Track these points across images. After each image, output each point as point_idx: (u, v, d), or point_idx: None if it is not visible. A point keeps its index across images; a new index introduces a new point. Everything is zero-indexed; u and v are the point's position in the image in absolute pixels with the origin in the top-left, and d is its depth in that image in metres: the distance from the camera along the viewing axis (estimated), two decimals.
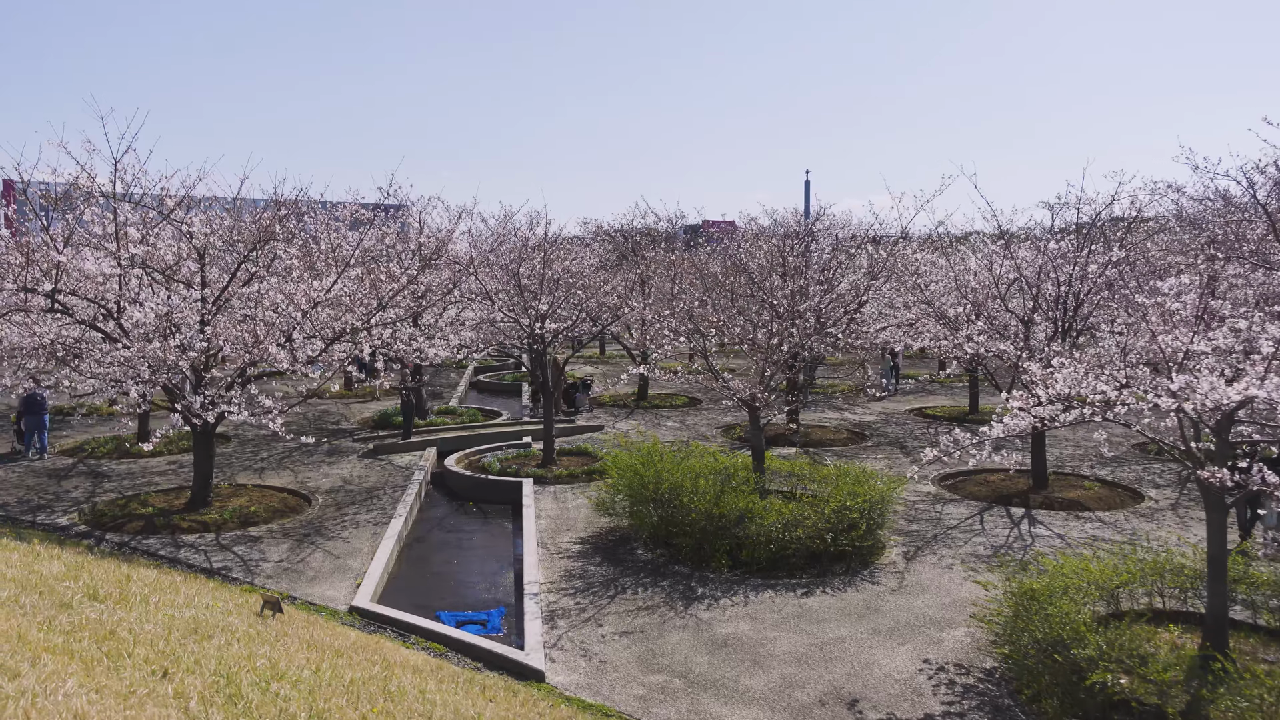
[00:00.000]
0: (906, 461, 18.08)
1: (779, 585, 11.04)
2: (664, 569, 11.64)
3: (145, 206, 12.92)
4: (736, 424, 22.37)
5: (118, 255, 12.45)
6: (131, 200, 13.23)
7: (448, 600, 11.29)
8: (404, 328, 14.57)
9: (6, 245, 12.51)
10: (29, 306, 12.44)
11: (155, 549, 12.37)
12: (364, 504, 14.92)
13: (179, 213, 13.21)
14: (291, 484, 16.16)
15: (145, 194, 13.12)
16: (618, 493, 12.87)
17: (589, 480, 16.39)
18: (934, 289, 16.68)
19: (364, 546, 12.65)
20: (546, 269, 16.31)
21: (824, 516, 11.44)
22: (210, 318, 12.94)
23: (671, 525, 11.89)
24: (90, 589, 7.34)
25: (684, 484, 11.80)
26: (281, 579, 11.32)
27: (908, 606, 10.44)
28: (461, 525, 14.79)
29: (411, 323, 15.47)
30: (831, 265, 18.28)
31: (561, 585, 11.13)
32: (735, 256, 20.00)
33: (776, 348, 12.49)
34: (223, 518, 13.73)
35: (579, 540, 12.93)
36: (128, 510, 14.28)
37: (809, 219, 24.92)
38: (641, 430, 21.34)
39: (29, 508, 14.50)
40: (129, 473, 17.06)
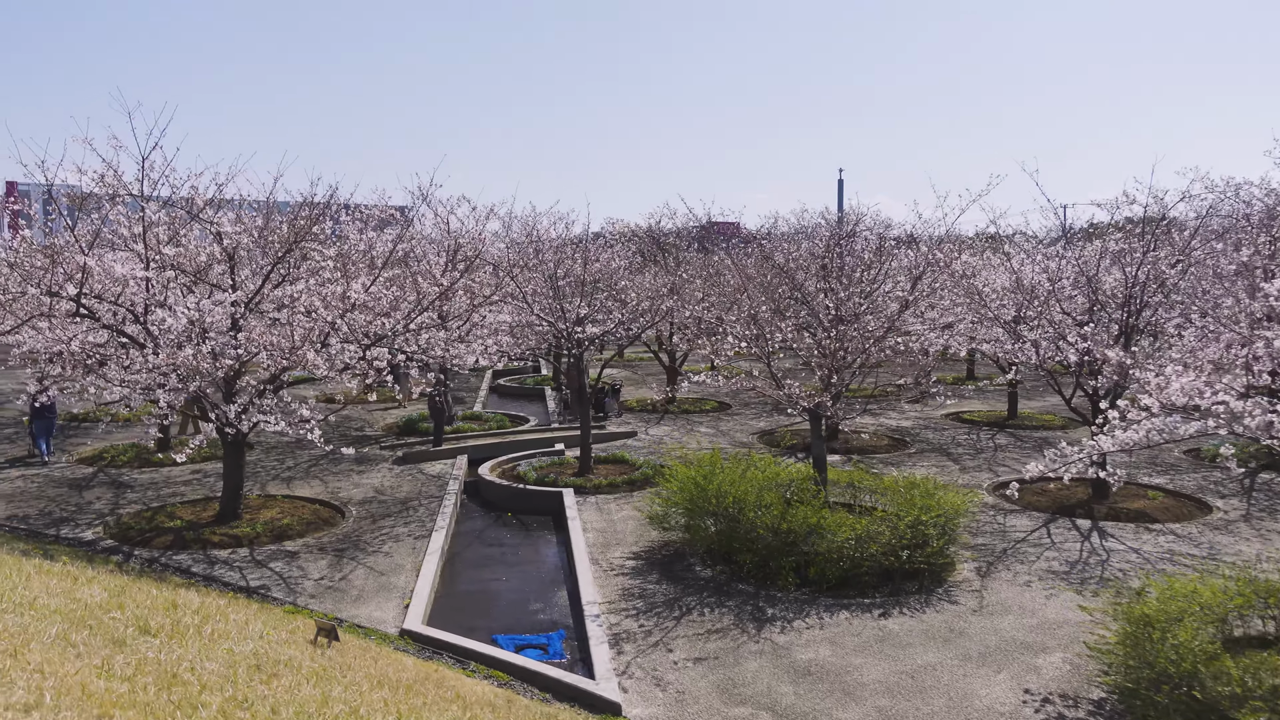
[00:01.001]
0: (956, 469, 17.47)
1: (853, 605, 10.41)
2: (727, 587, 11.01)
3: (174, 206, 12.30)
4: (773, 429, 21.74)
5: (146, 257, 11.83)
6: (158, 200, 12.61)
7: (501, 621, 10.66)
8: (439, 332, 13.94)
9: (28, 247, 11.90)
10: (53, 311, 11.84)
11: (187, 565, 11.75)
12: (400, 516, 14.30)
13: (208, 212, 12.60)
14: (322, 494, 15.54)
15: (174, 192, 12.50)
16: (671, 505, 12.25)
17: (630, 490, 15.78)
18: (988, 291, 16.02)
19: (406, 562, 12.02)
20: (586, 271, 15.70)
21: (898, 531, 10.81)
22: (242, 322, 12.32)
23: (734, 540, 11.27)
24: (140, 621, 6.72)
25: (748, 497, 11.17)
26: (325, 599, 10.70)
27: (994, 629, 9.80)
28: (503, 538, 14.16)
29: (440, 326, 14.82)
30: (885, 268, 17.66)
31: (621, 605, 10.50)
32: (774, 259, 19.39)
33: (841, 354, 11.86)
34: (255, 531, 13.11)
35: (631, 555, 12.31)
36: (154, 523, 13.67)
37: (842, 218, 24.28)
38: (676, 439, 20.74)
39: (51, 520, 13.88)
40: (152, 482, 16.44)
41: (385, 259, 13.30)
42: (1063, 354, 14.36)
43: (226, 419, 11.69)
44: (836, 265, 18.62)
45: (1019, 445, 19.97)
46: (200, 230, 13.11)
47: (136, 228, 12.16)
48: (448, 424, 21.44)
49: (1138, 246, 14.38)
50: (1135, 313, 14.43)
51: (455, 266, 15.18)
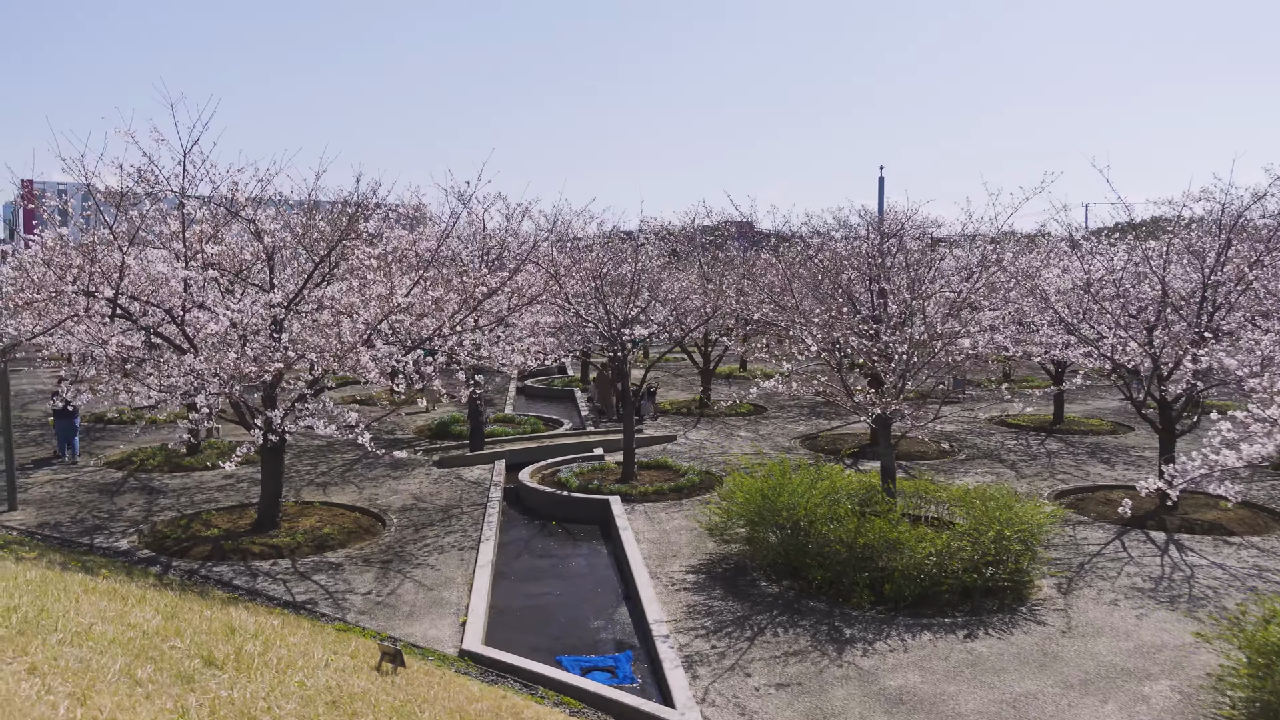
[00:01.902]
0: (1012, 476, 16.85)
1: (934, 625, 9.83)
2: (797, 605, 10.44)
3: (216, 203, 11.79)
4: (814, 433, 21.15)
5: (187, 255, 11.33)
6: (199, 197, 12.11)
7: (561, 640, 10.12)
8: (479, 333, 13.40)
9: (63, 245, 11.41)
10: (90, 311, 11.35)
11: (229, 578, 11.25)
12: (442, 525, 13.78)
13: (250, 210, 12.10)
14: (360, 501, 15.03)
15: (214, 189, 12.00)
16: (732, 516, 11.70)
17: (678, 498, 15.22)
18: (1050, 291, 15.39)
19: (456, 575, 11.50)
20: (636, 270, 15.14)
21: (981, 546, 10.22)
22: (286, 324, 11.82)
23: (804, 555, 10.70)
24: (202, 650, 6.20)
25: (819, 510, 10.61)
26: (375, 615, 10.18)
27: (1089, 653, 9.21)
28: (551, 549, 13.62)
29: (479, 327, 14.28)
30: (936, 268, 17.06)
31: (689, 624, 9.94)
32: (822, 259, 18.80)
33: (910, 357, 11.28)
34: (295, 541, 12.61)
35: (690, 569, 11.75)
36: (190, 531, 13.18)
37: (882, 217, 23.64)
38: (717, 443, 20.19)
39: (84, 528, 13.41)
40: (184, 488, 15.97)
41: (429, 258, 12.77)
42: (1130, 357, 13.75)
43: (271, 425, 11.17)
44: (884, 266, 18.03)
45: (1071, 451, 19.33)
46: (239, 228, 12.62)
47: (175, 224, 11.66)
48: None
49: (1212, 245, 13.73)
50: (1210, 314, 13.80)
51: (505, 266, 14.66)
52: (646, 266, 17.30)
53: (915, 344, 11.09)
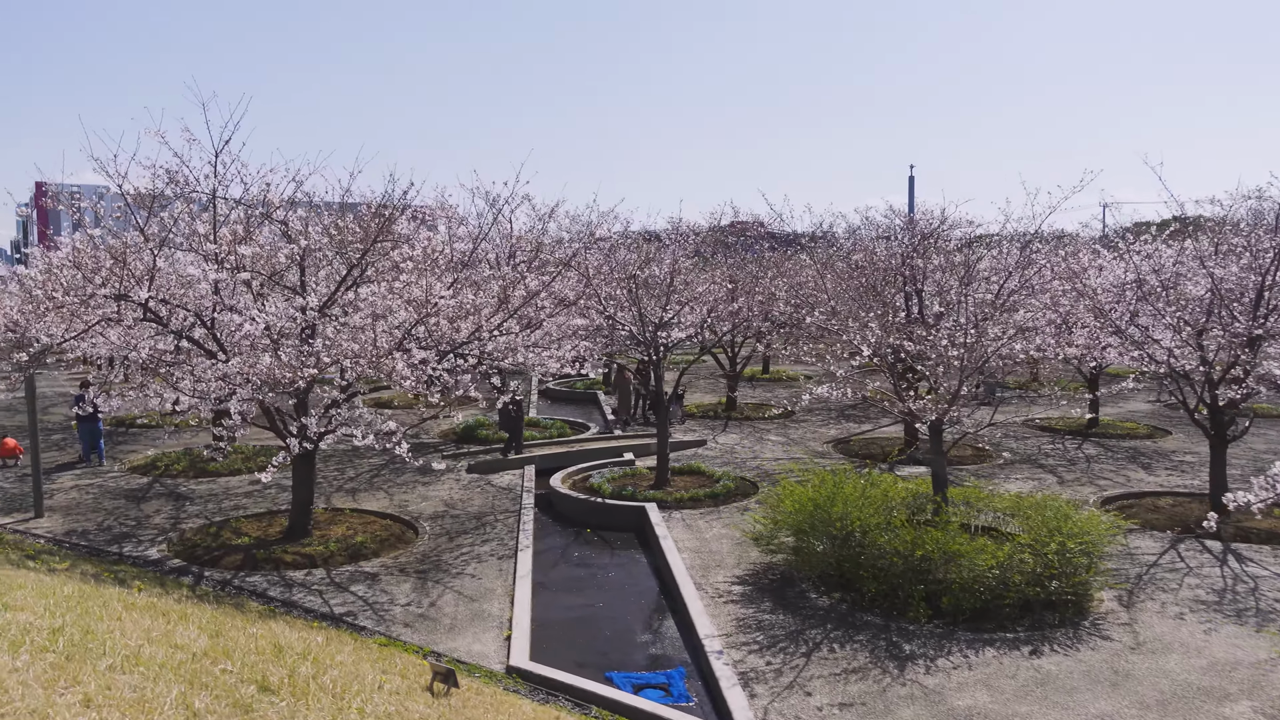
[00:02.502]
0: (1054, 482, 16.45)
1: (996, 641, 9.46)
2: (851, 618, 10.09)
3: (248, 205, 11.51)
4: (846, 438, 20.78)
5: (219, 256, 11.05)
6: (230, 199, 11.83)
7: (608, 655, 9.79)
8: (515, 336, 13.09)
9: (93, 248, 11.15)
10: (121, 315, 11.08)
11: (263, 589, 10.96)
12: (476, 533, 13.47)
13: (281, 211, 11.82)
14: (390, 508, 14.74)
15: (246, 190, 11.72)
16: (779, 526, 11.37)
17: (715, 505, 14.88)
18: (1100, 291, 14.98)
19: (496, 586, 11.18)
20: (673, 272, 14.82)
21: (1044, 558, 9.85)
22: (319, 327, 11.52)
23: (857, 566, 10.35)
24: (255, 674, 5.89)
25: (873, 520, 10.26)
26: (417, 628, 9.87)
27: (1162, 671, 8.83)
28: (588, 558, 13.29)
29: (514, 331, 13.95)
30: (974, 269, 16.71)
31: (740, 639, 9.60)
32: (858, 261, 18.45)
33: (963, 360, 10.92)
34: (329, 550, 12.32)
35: (735, 580, 11.41)
36: (221, 540, 12.91)
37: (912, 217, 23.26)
38: (748, 448, 19.84)
39: (113, 536, 13.15)
40: (210, 494, 15.70)
41: (465, 260, 12.47)
42: (1183, 361, 13.35)
43: (306, 432, 10.88)
44: (921, 267, 17.68)
45: (1111, 456, 18.91)
46: (271, 230, 12.34)
47: (205, 226, 11.38)
48: (507, 431, 20.64)
49: (1270, 244, 13.32)
50: (1265, 316, 13.39)
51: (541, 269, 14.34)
52: (679, 268, 16.98)
53: (971, 347, 10.72)
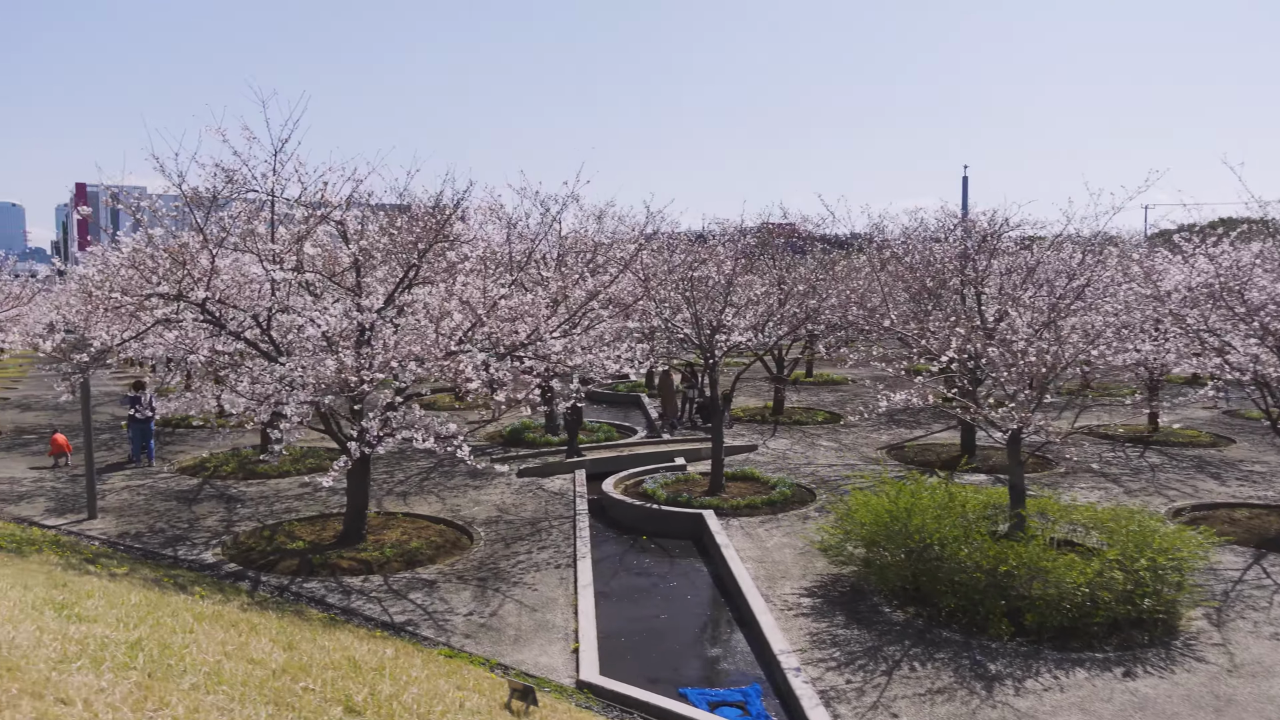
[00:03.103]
0: (1119, 492, 15.91)
1: (1085, 661, 9.03)
2: (928, 634, 9.70)
3: (309, 205, 11.32)
4: (900, 444, 20.32)
5: (280, 256, 10.87)
6: (289, 199, 11.65)
7: (679, 670, 9.48)
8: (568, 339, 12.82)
9: (154, 247, 11.01)
10: (180, 316, 10.94)
11: (321, 595, 10.76)
12: (532, 539, 13.21)
13: (338, 211, 11.62)
14: (443, 513, 14.52)
15: (304, 189, 11.52)
16: (847, 536, 11.01)
17: (773, 512, 14.52)
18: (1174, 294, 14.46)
19: (557, 595, 10.91)
20: (734, 274, 14.49)
21: (1133, 575, 9.41)
22: (379, 329, 11.31)
23: (936, 581, 9.96)
24: (338, 693, 5.64)
25: (952, 532, 9.87)
26: (480, 639, 9.61)
27: (1267, 696, 8.37)
28: (647, 566, 12.98)
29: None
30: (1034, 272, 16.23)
31: (816, 655, 9.25)
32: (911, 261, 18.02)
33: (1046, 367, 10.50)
34: (384, 555, 12.11)
35: (803, 591, 11.05)
36: (275, 544, 12.74)
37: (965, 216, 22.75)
38: (800, 453, 19.44)
39: (166, 539, 13.03)
40: (261, 496, 15.58)
41: (523, 260, 12.22)
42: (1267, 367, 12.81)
43: (366, 437, 10.67)
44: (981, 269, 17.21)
45: (1176, 465, 18.31)
46: (327, 230, 12.15)
47: (264, 226, 11.21)
48: (553, 434, 20.43)
49: None
50: None
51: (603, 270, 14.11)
52: (738, 269, 16.67)
53: (1055, 352, 10.30)
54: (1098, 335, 11.04)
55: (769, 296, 16.38)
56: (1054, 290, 16.34)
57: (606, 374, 13.10)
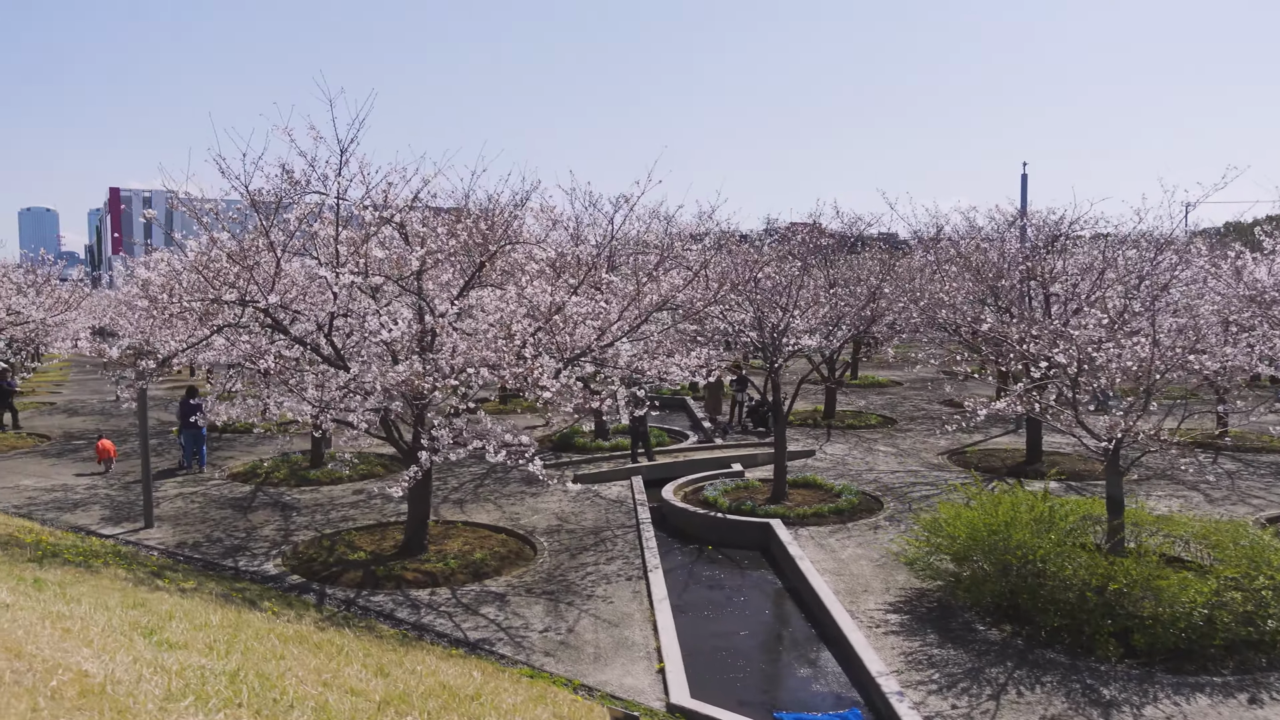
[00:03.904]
0: (1200, 500, 15.29)
1: (1205, 686, 8.49)
2: (1030, 655, 9.19)
3: (377, 207, 11.00)
4: (960, 449, 19.75)
5: (344, 260, 10.54)
6: (351, 201, 11.33)
7: (770, 693, 9.05)
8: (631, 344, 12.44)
9: (219, 250, 10.73)
10: (244, 322, 10.66)
11: (390, 610, 10.42)
12: (598, 550, 12.82)
13: (402, 214, 11.29)
14: (502, 521, 14.18)
15: (370, 190, 11.20)
16: (933, 549, 10.53)
17: (840, 521, 14.04)
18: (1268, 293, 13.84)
19: (633, 611, 10.50)
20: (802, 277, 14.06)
21: (1253, 595, 8.87)
22: (445, 334, 10.96)
23: (1037, 599, 9.46)
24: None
25: (1054, 548, 9.36)
26: (560, 657, 9.22)
27: None
28: (718, 578, 12.56)
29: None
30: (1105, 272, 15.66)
31: (915, 677, 8.77)
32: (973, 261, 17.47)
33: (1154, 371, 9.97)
34: (449, 567, 11.77)
35: (889, 607, 10.58)
36: (335, 554, 12.44)
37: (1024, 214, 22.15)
38: (858, 458, 18.93)
39: (225, 549, 12.76)
40: (315, 504, 15.30)
41: (590, 263, 11.85)
42: None
43: (436, 445, 10.32)
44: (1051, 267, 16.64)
45: (1254, 471, 17.64)
46: (390, 232, 11.82)
47: (329, 229, 10.89)
48: (604, 439, 20.08)
49: None
50: None
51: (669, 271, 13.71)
52: (809, 267, 16.24)
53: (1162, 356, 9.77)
54: (1200, 337, 10.47)
55: (836, 299, 15.88)
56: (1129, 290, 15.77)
57: (672, 382, 12.68)
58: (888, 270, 16.70)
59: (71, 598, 6.93)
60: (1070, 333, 10.18)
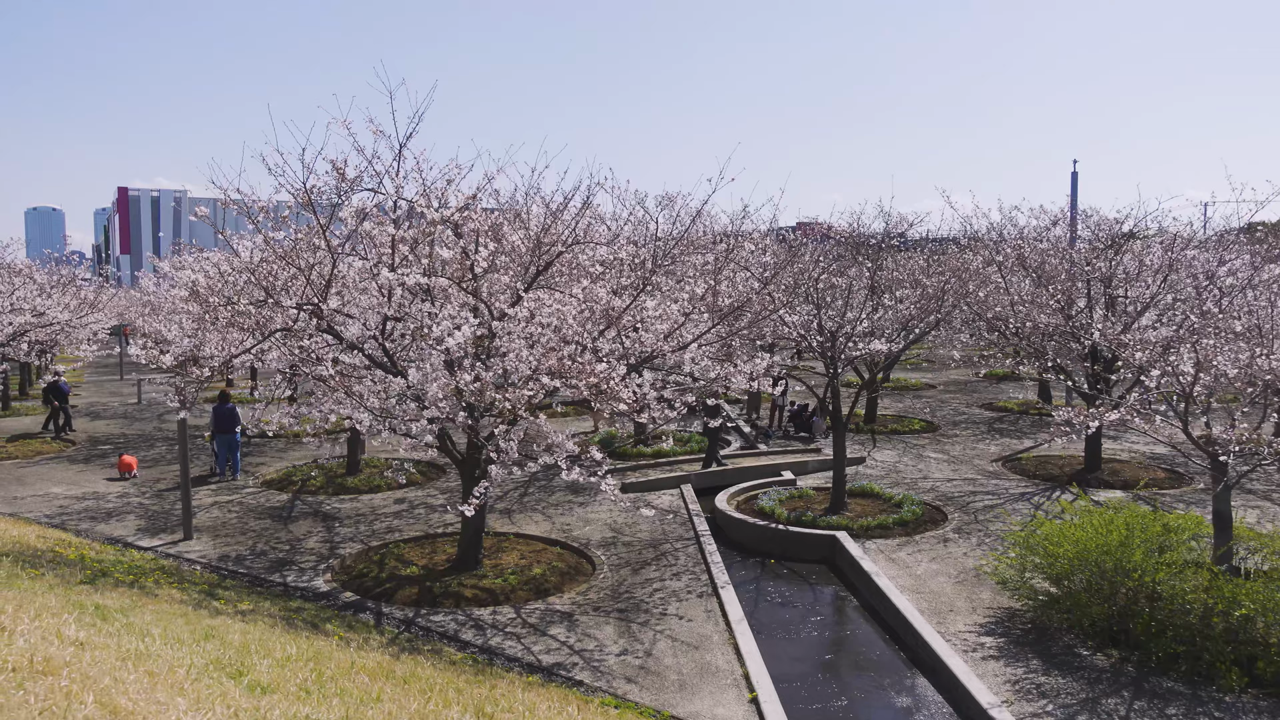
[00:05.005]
0: (1278, 513, 14.68)
1: None
2: (1145, 684, 8.60)
3: (441, 207, 10.43)
4: (1014, 455, 19.14)
5: (400, 262, 9.99)
6: (406, 199, 10.77)
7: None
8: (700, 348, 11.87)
9: (274, 253, 10.18)
10: (298, 327, 10.10)
11: (453, 631, 9.86)
12: (660, 565, 12.25)
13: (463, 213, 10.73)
14: (553, 533, 13.62)
15: (428, 188, 10.64)
16: (1025, 567, 9.96)
17: (907, 534, 13.45)
18: None
19: (710, 632, 9.93)
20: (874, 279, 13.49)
21: None
22: (511, 339, 10.41)
23: (1150, 622, 8.87)
24: None
25: (1170, 572, 8.78)
26: (644, 684, 8.65)
27: None
28: (787, 595, 11.97)
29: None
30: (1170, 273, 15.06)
31: (1028, 709, 8.18)
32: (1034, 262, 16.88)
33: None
34: (508, 584, 11.21)
35: (980, 628, 9.99)
36: (386, 569, 11.89)
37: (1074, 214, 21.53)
38: (909, 465, 18.34)
39: (270, 563, 12.22)
40: (357, 513, 14.75)
41: (658, 262, 11.29)
42: None
43: (507, 459, 9.75)
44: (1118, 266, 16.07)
45: None
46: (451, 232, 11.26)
47: (388, 229, 10.33)
48: (647, 445, 19.50)
49: None
50: None
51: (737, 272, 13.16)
52: (878, 268, 15.69)
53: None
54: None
55: (903, 302, 15.29)
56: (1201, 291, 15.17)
57: (736, 389, 12.12)
58: (956, 272, 16.07)
59: (139, 629, 6.38)
60: (1197, 340, 9.58)
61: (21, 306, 19.66)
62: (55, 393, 21.80)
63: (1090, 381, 15.98)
